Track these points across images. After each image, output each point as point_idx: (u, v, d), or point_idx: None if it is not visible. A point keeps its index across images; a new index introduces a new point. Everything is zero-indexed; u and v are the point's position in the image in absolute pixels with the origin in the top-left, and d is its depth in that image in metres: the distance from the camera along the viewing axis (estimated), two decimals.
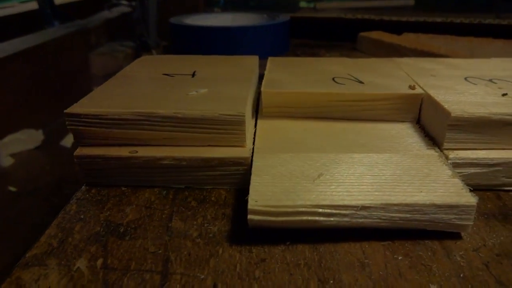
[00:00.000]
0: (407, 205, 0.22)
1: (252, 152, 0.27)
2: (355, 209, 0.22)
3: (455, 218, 0.22)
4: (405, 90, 0.31)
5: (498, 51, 0.58)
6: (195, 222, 0.24)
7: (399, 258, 0.21)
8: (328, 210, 0.22)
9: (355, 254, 0.22)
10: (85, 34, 0.84)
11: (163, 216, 0.25)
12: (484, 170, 0.27)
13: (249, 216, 0.22)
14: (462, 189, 0.23)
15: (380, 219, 0.22)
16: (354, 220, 0.22)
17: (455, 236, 0.23)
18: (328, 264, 0.21)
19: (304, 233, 0.23)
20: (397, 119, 0.32)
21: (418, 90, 0.31)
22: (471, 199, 0.22)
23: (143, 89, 0.31)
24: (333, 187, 0.23)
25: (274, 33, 0.63)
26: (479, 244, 0.22)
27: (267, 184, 0.23)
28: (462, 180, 0.24)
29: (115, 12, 0.95)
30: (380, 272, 0.20)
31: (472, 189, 0.23)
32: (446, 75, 0.34)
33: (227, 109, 0.27)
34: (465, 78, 0.33)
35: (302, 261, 0.21)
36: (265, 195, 0.22)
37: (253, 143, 0.28)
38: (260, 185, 0.23)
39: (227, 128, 0.27)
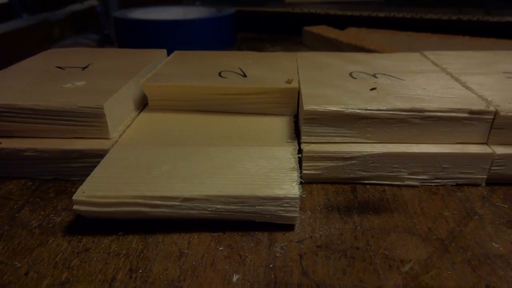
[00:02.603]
0: (230, 197, 0.22)
1: None
2: (177, 200, 0.22)
3: (280, 210, 0.22)
4: (281, 84, 0.31)
5: (434, 45, 0.58)
6: (42, 213, 0.25)
7: (220, 248, 0.22)
8: (152, 201, 0.22)
9: (179, 245, 0.22)
10: (47, 26, 0.84)
11: (15, 206, 0.25)
12: (340, 164, 0.27)
13: (75, 207, 0.22)
14: (294, 182, 0.23)
15: (207, 210, 0.22)
16: (181, 211, 0.22)
17: (288, 227, 0.23)
18: (147, 254, 0.21)
19: (140, 223, 0.23)
20: (277, 112, 0.32)
21: (294, 84, 0.31)
22: (294, 192, 0.22)
23: (23, 82, 0.31)
24: (170, 179, 0.23)
25: (216, 26, 0.63)
26: (307, 236, 0.23)
27: (107, 176, 0.24)
28: (316, 172, 0.24)
29: (86, 5, 0.95)
30: (194, 262, 0.21)
31: (304, 181, 0.23)
32: (336, 70, 0.34)
33: (87, 102, 0.27)
34: (350, 73, 0.33)
35: (124, 251, 0.22)
36: (97, 186, 0.23)
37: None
38: (98, 177, 0.24)
39: (87, 120, 0.27)
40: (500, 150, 0.26)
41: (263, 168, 0.24)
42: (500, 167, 0.27)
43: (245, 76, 0.33)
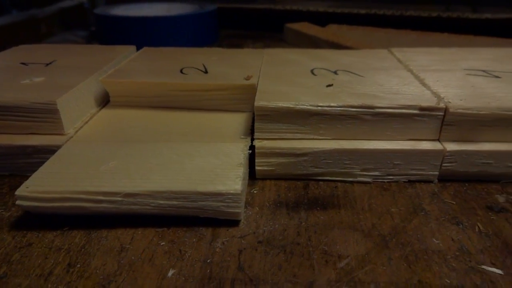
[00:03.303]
0: (172, 192, 0.22)
1: None
2: (119, 196, 0.22)
3: (222, 205, 0.22)
4: (240, 80, 0.31)
5: (412, 42, 0.58)
6: None
7: (162, 244, 0.22)
8: (94, 197, 0.22)
9: (122, 240, 0.22)
10: (35, 23, 0.84)
11: None
12: (292, 160, 0.27)
13: (18, 202, 0.22)
14: (237, 178, 0.23)
15: (149, 206, 0.22)
16: (123, 207, 0.22)
17: (233, 223, 0.23)
18: (88, 249, 0.22)
19: (88, 219, 0.23)
20: (237, 108, 0.32)
21: (252, 81, 0.31)
22: (236, 188, 0.22)
23: None
24: (115, 175, 0.23)
25: (196, 23, 0.63)
26: (250, 231, 0.23)
27: (53, 171, 0.24)
28: (269, 169, 0.24)
29: (75, 1, 0.95)
30: (133, 257, 0.21)
31: (259, 178, 0.23)
32: (299, 66, 0.34)
33: (40, 98, 0.27)
34: (312, 70, 0.33)
35: (66, 246, 0.22)
36: (42, 182, 0.23)
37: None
38: (45, 172, 0.24)
39: (41, 116, 0.27)
40: (451, 146, 0.26)
41: (211, 164, 0.24)
42: (452, 163, 0.27)
43: (206, 72, 0.33)
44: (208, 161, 0.25)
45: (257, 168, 0.27)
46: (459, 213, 0.24)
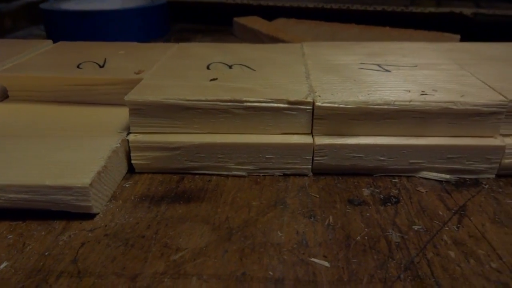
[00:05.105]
0: (22, 186, 0.22)
1: None
2: None
3: (72, 199, 0.23)
4: (130, 75, 0.31)
5: (354, 36, 0.58)
6: None
7: (9, 237, 0.22)
8: None
9: None
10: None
11: None
12: (166, 154, 0.27)
13: None
14: (91, 172, 0.23)
15: (1, 199, 0.23)
16: None
17: (90, 217, 0.24)
18: None
19: None
20: None
21: (142, 76, 0.31)
22: (84, 182, 0.22)
23: None
24: None
25: (143, 17, 0.63)
26: (102, 225, 0.23)
27: None
28: (145, 162, 0.24)
29: None
30: None
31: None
32: (200, 60, 0.34)
33: None
34: (209, 64, 0.33)
35: None
36: None
37: None
38: None
39: None
40: (320, 140, 0.26)
41: (72, 158, 0.25)
42: (323, 157, 0.27)
43: (102, 67, 0.33)
44: (71, 155, 0.25)
45: (132, 161, 0.27)
46: (317, 207, 0.24)
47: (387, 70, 0.31)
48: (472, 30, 0.57)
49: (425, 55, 0.35)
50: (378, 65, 0.33)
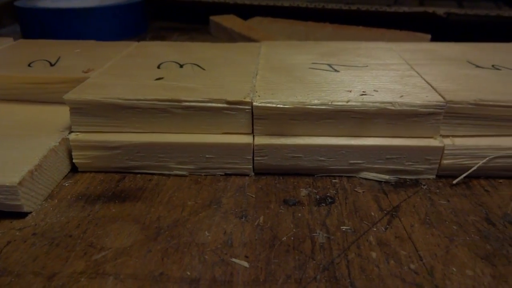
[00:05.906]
0: None
1: None
2: None
3: (2, 197, 0.23)
4: (78, 74, 0.31)
5: (327, 35, 0.58)
6: None
7: None
8: None
9: None
10: None
11: None
12: (107, 153, 0.27)
13: None
14: (22, 171, 0.23)
15: None
16: None
17: (22, 215, 0.24)
18: None
19: None
20: None
21: (90, 74, 0.31)
22: (12, 181, 0.22)
23: None
24: None
25: (121, 15, 0.63)
26: (32, 223, 0.23)
27: None
28: (87, 162, 0.24)
29: None
30: None
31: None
32: (155, 60, 0.34)
33: None
34: (160, 64, 0.33)
35: None
36: None
37: None
38: None
39: None
40: (260, 140, 0.26)
41: (7, 158, 0.25)
42: (263, 157, 0.27)
43: (53, 65, 0.33)
44: (6, 154, 0.25)
45: (74, 160, 0.27)
46: (251, 207, 0.24)
47: (336, 70, 0.31)
48: (445, 30, 0.57)
49: (379, 55, 0.35)
50: (329, 64, 0.33)
